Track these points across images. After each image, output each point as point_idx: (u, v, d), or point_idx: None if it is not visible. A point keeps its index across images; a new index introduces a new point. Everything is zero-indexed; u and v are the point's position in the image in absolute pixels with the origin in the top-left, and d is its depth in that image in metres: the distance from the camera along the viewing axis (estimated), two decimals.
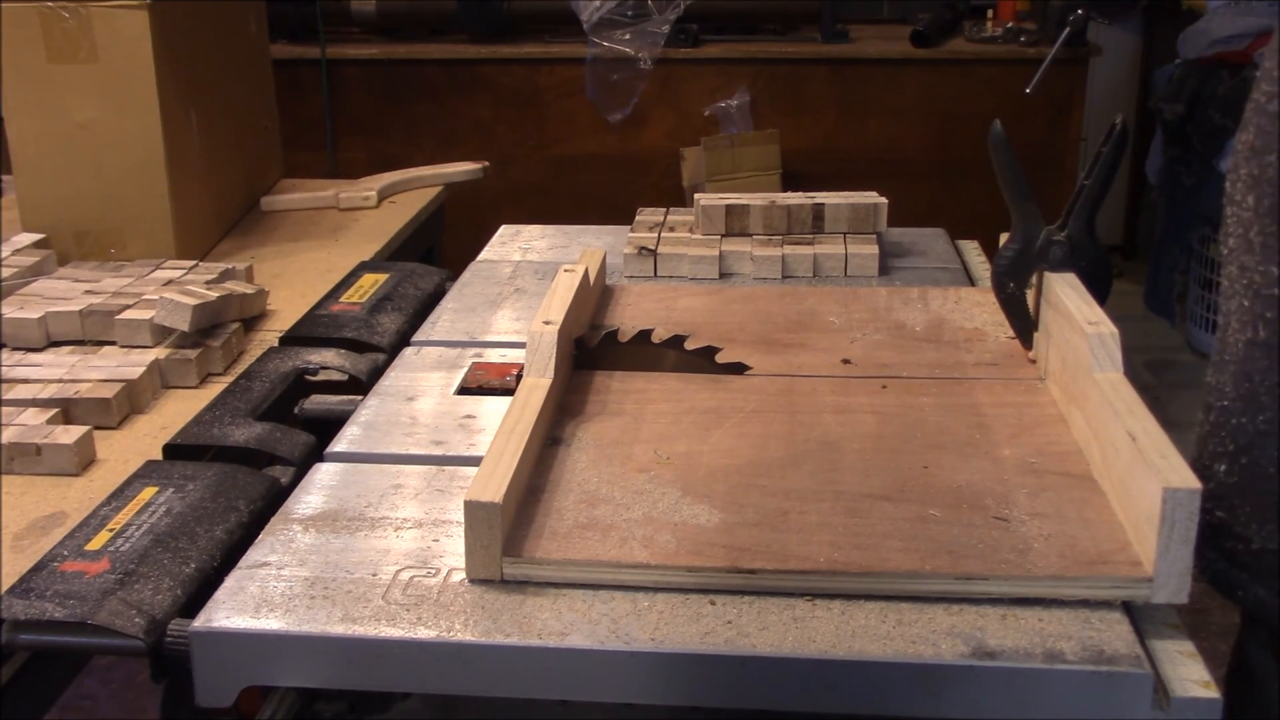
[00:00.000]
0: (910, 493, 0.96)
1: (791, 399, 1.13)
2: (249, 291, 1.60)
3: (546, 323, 1.11)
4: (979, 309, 1.35)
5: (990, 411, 1.10)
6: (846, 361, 1.22)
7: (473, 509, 0.86)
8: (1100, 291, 1.14)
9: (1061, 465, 1.00)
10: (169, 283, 1.61)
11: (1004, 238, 1.22)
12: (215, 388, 1.34)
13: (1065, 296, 1.11)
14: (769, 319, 1.33)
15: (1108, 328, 1.03)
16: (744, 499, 0.95)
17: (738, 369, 1.19)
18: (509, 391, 1.21)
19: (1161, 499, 0.82)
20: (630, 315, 1.35)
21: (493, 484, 0.88)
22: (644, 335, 1.19)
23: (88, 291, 1.57)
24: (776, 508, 0.94)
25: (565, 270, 1.27)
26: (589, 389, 1.16)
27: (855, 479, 0.98)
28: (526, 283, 1.55)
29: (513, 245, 1.72)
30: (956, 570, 0.85)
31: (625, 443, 1.05)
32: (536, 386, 1.06)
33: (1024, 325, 1.22)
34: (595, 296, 1.37)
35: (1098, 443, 0.97)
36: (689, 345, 1.19)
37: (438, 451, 1.10)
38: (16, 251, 1.70)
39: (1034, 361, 1.20)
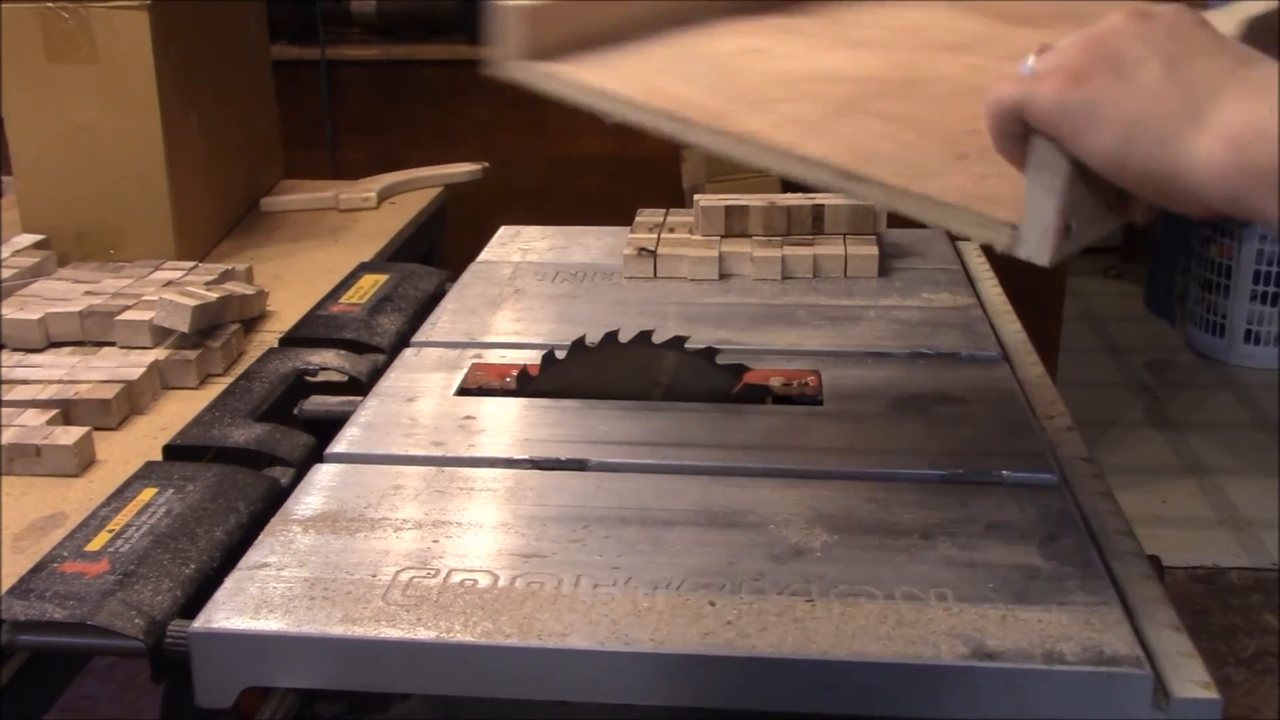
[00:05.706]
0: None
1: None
2: (249, 292, 1.60)
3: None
4: None
5: None
6: None
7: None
8: None
9: None
10: (169, 283, 1.61)
11: None
12: (215, 388, 1.34)
13: None
14: None
15: None
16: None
17: (738, 370, 1.19)
18: (509, 392, 1.21)
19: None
20: None
21: None
22: (644, 335, 1.19)
23: (88, 292, 1.57)
24: None
25: None
26: None
27: None
28: (526, 284, 1.55)
29: (513, 246, 1.72)
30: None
31: None
32: None
33: None
34: None
35: None
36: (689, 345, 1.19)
37: (438, 452, 1.10)
38: (17, 252, 1.70)
39: None
